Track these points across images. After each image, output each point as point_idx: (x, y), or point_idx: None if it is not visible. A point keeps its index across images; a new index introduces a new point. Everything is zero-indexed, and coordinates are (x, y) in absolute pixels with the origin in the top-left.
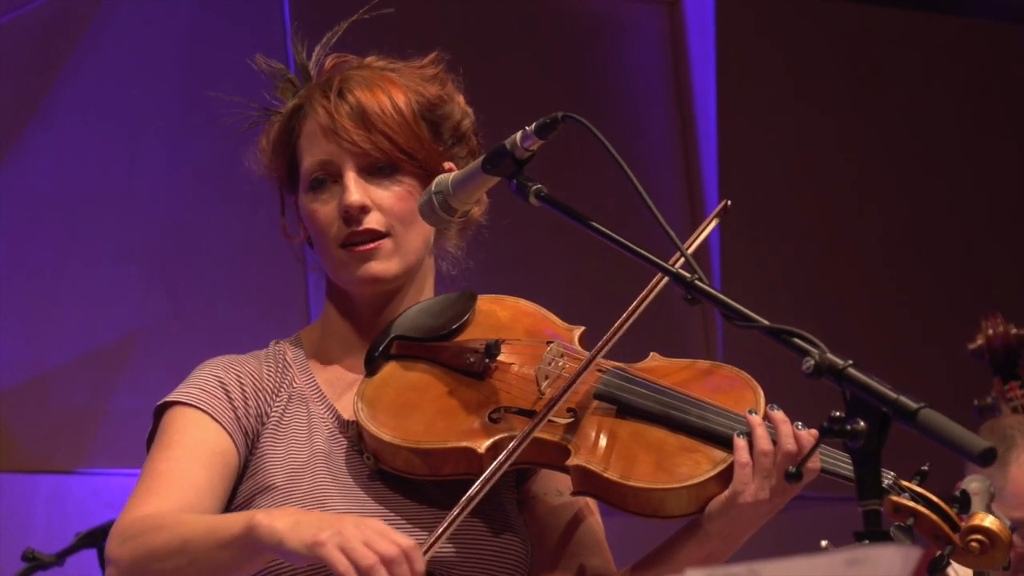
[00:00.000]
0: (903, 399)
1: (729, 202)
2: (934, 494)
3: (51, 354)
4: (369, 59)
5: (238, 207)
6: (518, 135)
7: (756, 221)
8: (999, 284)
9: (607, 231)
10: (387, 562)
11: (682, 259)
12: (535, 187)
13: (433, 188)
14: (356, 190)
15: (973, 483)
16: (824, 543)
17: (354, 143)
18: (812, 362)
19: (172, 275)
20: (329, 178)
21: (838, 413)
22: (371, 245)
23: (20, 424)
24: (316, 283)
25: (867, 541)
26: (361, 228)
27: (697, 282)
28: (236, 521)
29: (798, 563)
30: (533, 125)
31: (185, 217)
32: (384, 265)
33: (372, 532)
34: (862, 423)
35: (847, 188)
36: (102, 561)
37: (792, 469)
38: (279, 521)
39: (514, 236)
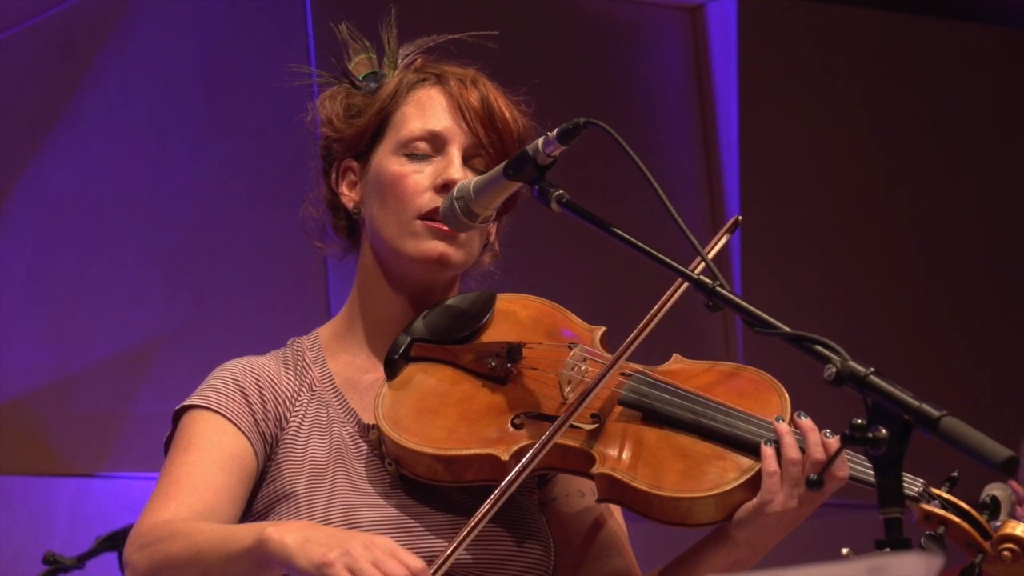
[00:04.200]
0: (925, 407)
1: (740, 217)
2: (964, 501)
3: (74, 358)
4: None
5: (262, 210)
6: (540, 141)
7: (777, 226)
8: None
9: (629, 237)
10: None
11: (702, 265)
12: (557, 193)
13: (455, 193)
14: (461, 168)
15: (995, 491)
16: (845, 551)
17: (472, 128)
18: (834, 369)
19: (196, 279)
20: (432, 149)
21: (860, 420)
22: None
23: (43, 427)
24: (337, 287)
25: (888, 549)
26: None
27: (719, 288)
28: (247, 534)
29: (820, 570)
30: (555, 131)
31: (209, 221)
32: (453, 251)
33: (381, 552)
34: (884, 431)
35: (870, 193)
36: (123, 564)
37: (813, 477)
38: (289, 536)
39: (535, 239)
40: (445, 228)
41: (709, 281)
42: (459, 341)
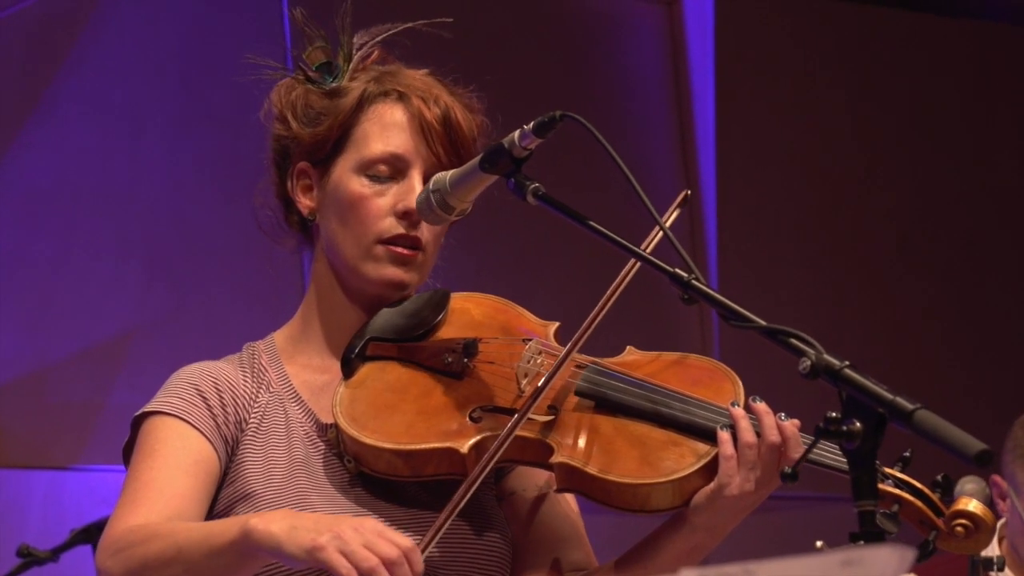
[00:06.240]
0: (899, 400)
1: (689, 192)
2: (917, 479)
3: (49, 349)
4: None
5: (239, 202)
6: (516, 134)
7: (754, 220)
8: (1003, 282)
9: (605, 230)
10: (388, 564)
11: (654, 242)
12: (533, 186)
13: (431, 186)
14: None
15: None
16: (819, 543)
17: (433, 149)
18: (809, 363)
19: (172, 270)
20: (393, 172)
21: (834, 414)
22: (410, 252)
23: (17, 419)
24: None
25: (862, 542)
26: (412, 234)
27: (694, 282)
28: (231, 527)
29: (793, 563)
30: (531, 124)
31: (186, 212)
32: (411, 276)
33: (371, 534)
34: (858, 424)
35: (847, 186)
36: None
37: (788, 470)
38: (275, 525)
39: (506, 233)
40: (405, 252)
41: (685, 274)
42: (415, 339)
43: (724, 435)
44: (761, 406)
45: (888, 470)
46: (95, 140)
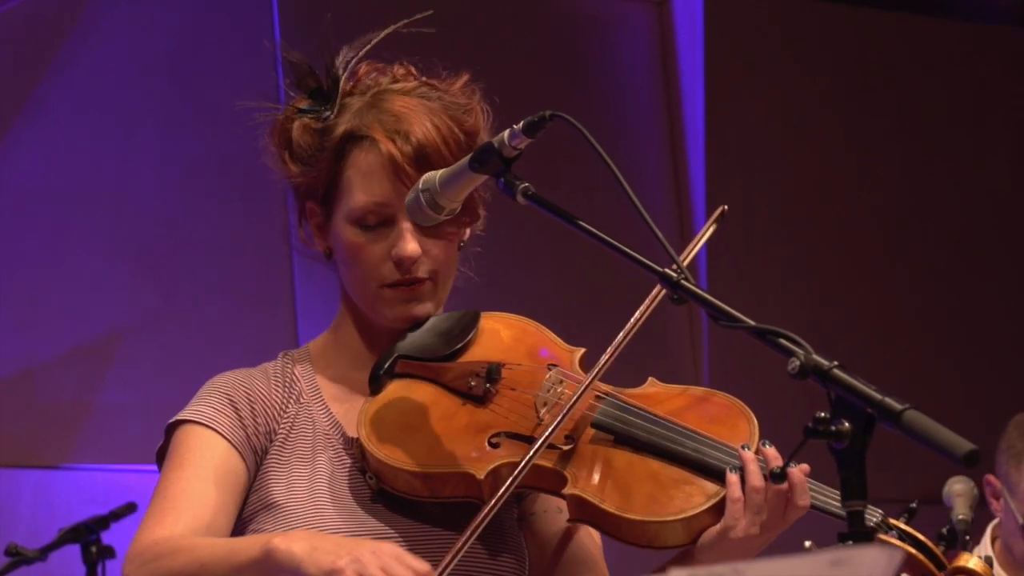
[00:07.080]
0: (888, 400)
1: (726, 207)
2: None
3: (38, 348)
4: (407, 78)
5: (228, 203)
6: (506, 133)
7: (744, 220)
8: (995, 283)
9: (595, 231)
10: None
11: (672, 257)
12: (523, 185)
13: (420, 186)
14: (412, 240)
15: (957, 484)
16: (808, 543)
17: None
18: (797, 363)
19: (161, 271)
20: (381, 218)
21: (823, 414)
22: (415, 288)
23: (6, 419)
24: (302, 280)
25: (851, 542)
26: (410, 276)
27: (683, 282)
28: (253, 545)
29: (782, 563)
30: (521, 123)
31: (175, 213)
32: (423, 307)
33: (389, 558)
34: (847, 424)
35: (837, 186)
36: (85, 557)
37: (776, 469)
38: (296, 545)
39: (510, 242)
40: (412, 289)
41: (674, 274)
42: (442, 359)
43: (733, 477)
44: (771, 451)
45: (893, 521)
46: (84, 140)
